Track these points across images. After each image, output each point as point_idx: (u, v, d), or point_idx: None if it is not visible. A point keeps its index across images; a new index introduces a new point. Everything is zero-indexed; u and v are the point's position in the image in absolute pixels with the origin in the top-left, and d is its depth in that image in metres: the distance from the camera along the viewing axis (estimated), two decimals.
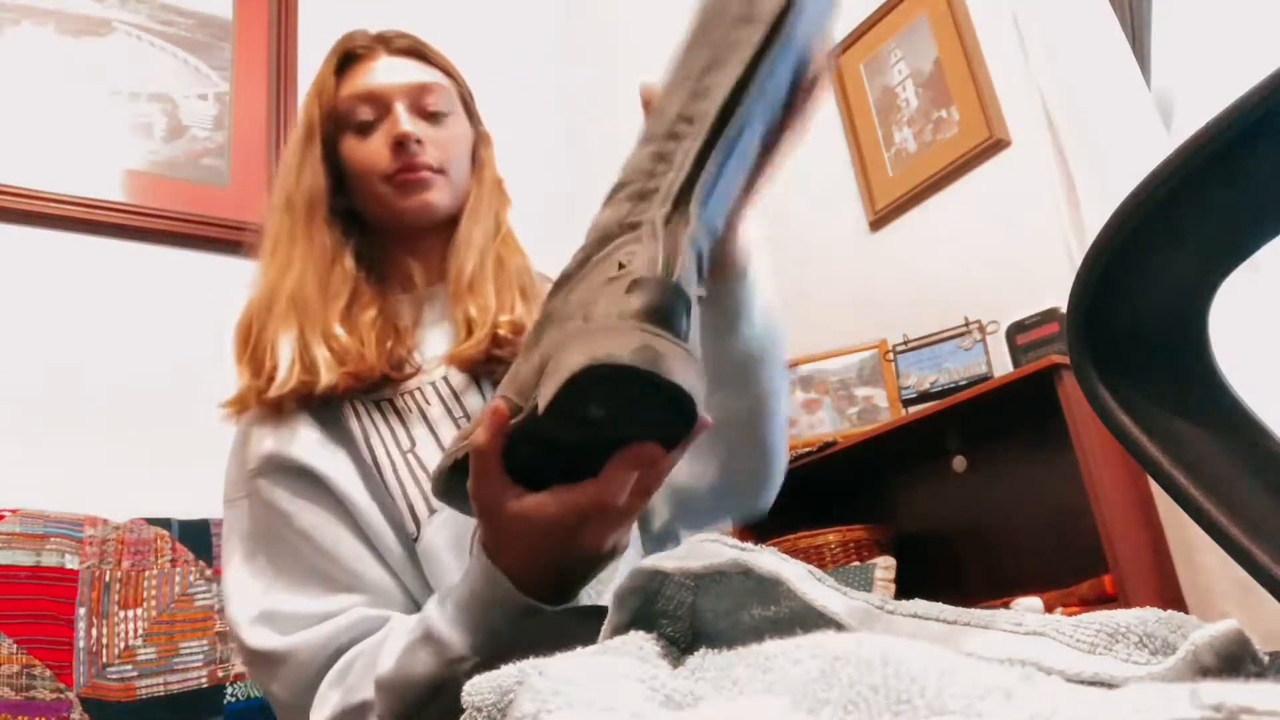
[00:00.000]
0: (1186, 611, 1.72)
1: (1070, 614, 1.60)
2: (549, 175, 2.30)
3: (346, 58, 0.93)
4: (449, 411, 0.84)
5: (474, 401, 0.86)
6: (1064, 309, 1.01)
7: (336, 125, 0.91)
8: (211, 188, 1.80)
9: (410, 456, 0.81)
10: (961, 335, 1.93)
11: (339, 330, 0.82)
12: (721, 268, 0.71)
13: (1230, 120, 0.35)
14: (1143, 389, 0.43)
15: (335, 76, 0.92)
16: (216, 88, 1.88)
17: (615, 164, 0.62)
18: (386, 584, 0.78)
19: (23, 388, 1.53)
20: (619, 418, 0.55)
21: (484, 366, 0.86)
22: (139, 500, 1.36)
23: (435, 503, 0.78)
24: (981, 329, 1.91)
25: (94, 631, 1.15)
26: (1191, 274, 0.41)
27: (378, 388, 0.83)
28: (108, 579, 1.20)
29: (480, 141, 0.99)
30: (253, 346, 0.83)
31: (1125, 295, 0.42)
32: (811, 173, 2.48)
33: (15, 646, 1.09)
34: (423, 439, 0.82)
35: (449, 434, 0.83)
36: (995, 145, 2.12)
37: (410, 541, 0.78)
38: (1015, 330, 1.82)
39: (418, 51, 0.95)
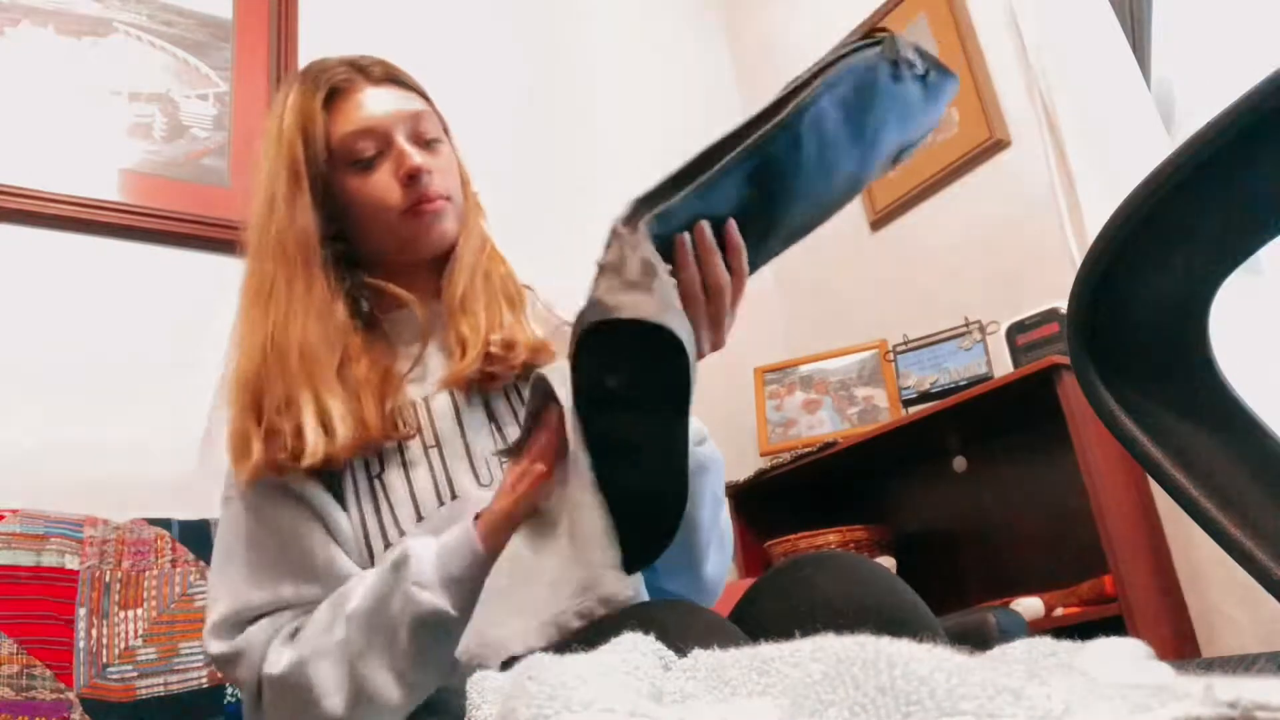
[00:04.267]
0: (1187, 611, 1.72)
1: (1070, 614, 1.59)
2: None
3: (332, 92, 0.90)
4: (460, 431, 0.89)
5: (476, 417, 0.90)
6: (1064, 309, 1.01)
7: (332, 163, 0.88)
8: (212, 188, 1.80)
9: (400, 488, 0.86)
10: (961, 335, 1.93)
11: (339, 390, 0.83)
12: None
13: (1230, 121, 0.35)
14: (1143, 389, 0.43)
15: (324, 111, 0.89)
16: (216, 88, 1.88)
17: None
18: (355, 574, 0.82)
19: (23, 388, 1.53)
20: (632, 380, 0.64)
21: (480, 385, 0.90)
22: (139, 500, 1.36)
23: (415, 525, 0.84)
24: (981, 329, 1.91)
25: (94, 632, 1.15)
26: (1191, 274, 0.41)
27: (376, 448, 0.85)
28: (108, 579, 1.20)
29: (459, 159, 0.99)
30: (269, 407, 0.81)
31: (1125, 295, 0.42)
32: None
33: (15, 646, 1.09)
34: (422, 473, 0.86)
35: (458, 454, 0.88)
36: (995, 145, 2.12)
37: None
38: (1015, 330, 1.82)
39: (396, 78, 0.94)
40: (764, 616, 0.67)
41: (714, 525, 0.88)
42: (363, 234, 0.91)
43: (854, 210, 2.45)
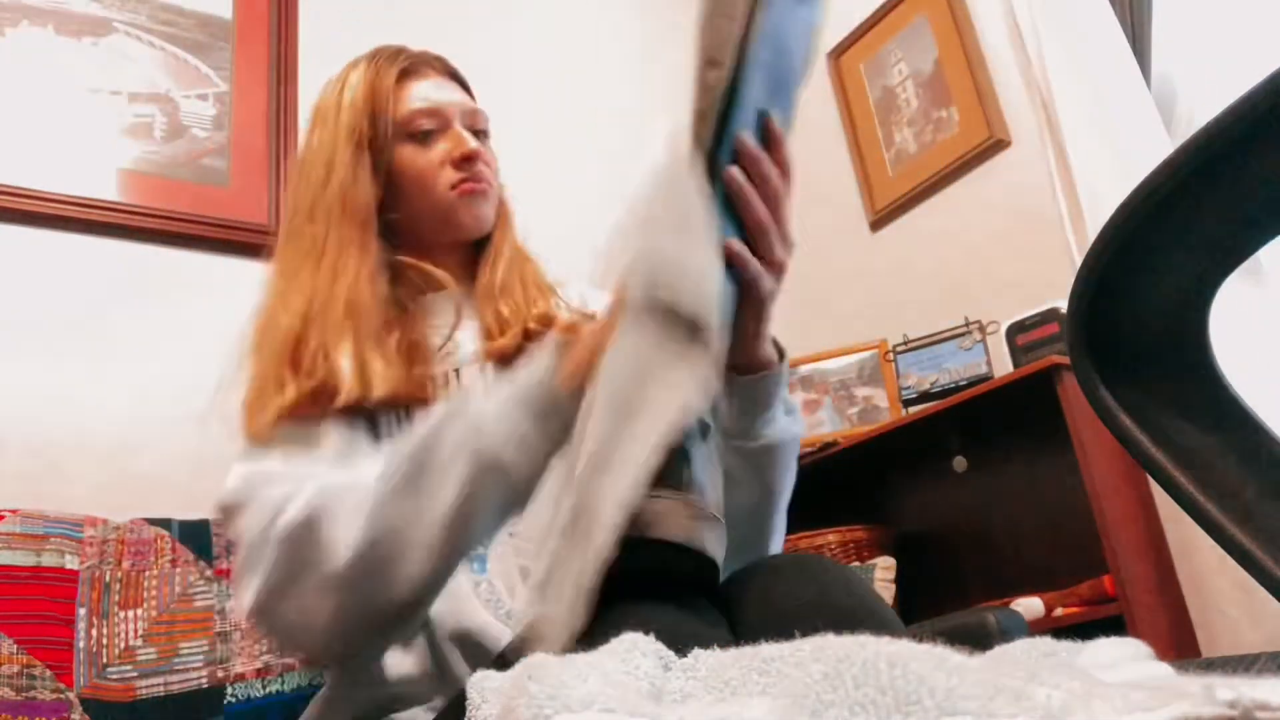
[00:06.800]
0: (1187, 611, 1.72)
1: (1070, 614, 1.58)
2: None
3: (402, 72, 0.95)
4: None
5: None
6: (1064, 309, 1.01)
7: (394, 134, 0.92)
8: (211, 188, 1.80)
9: None
10: (961, 335, 1.93)
11: (379, 347, 0.83)
12: (749, 364, 0.75)
13: (1230, 121, 0.35)
14: (1143, 389, 0.43)
15: (396, 86, 0.94)
16: (216, 88, 1.88)
17: None
18: None
19: (23, 387, 1.53)
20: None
21: (518, 359, 0.88)
22: (139, 500, 1.36)
23: None
24: (981, 329, 1.91)
25: (94, 632, 1.15)
26: (1191, 274, 0.41)
27: (399, 411, 0.84)
28: (108, 579, 1.20)
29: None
30: (306, 355, 0.80)
31: (1125, 295, 0.42)
32: (812, 173, 2.48)
33: (15, 646, 1.09)
34: None
35: None
36: (995, 145, 2.12)
37: None
38: (1015, 330, 1.82)
39: (455, 75, 1.01)
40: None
41: (785, 506, 0.88)
42: (407, 207, 0.93)
43: (854, 210, 2.45)
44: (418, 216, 0.94)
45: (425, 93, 0.95)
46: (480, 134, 0.97)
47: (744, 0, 0.60)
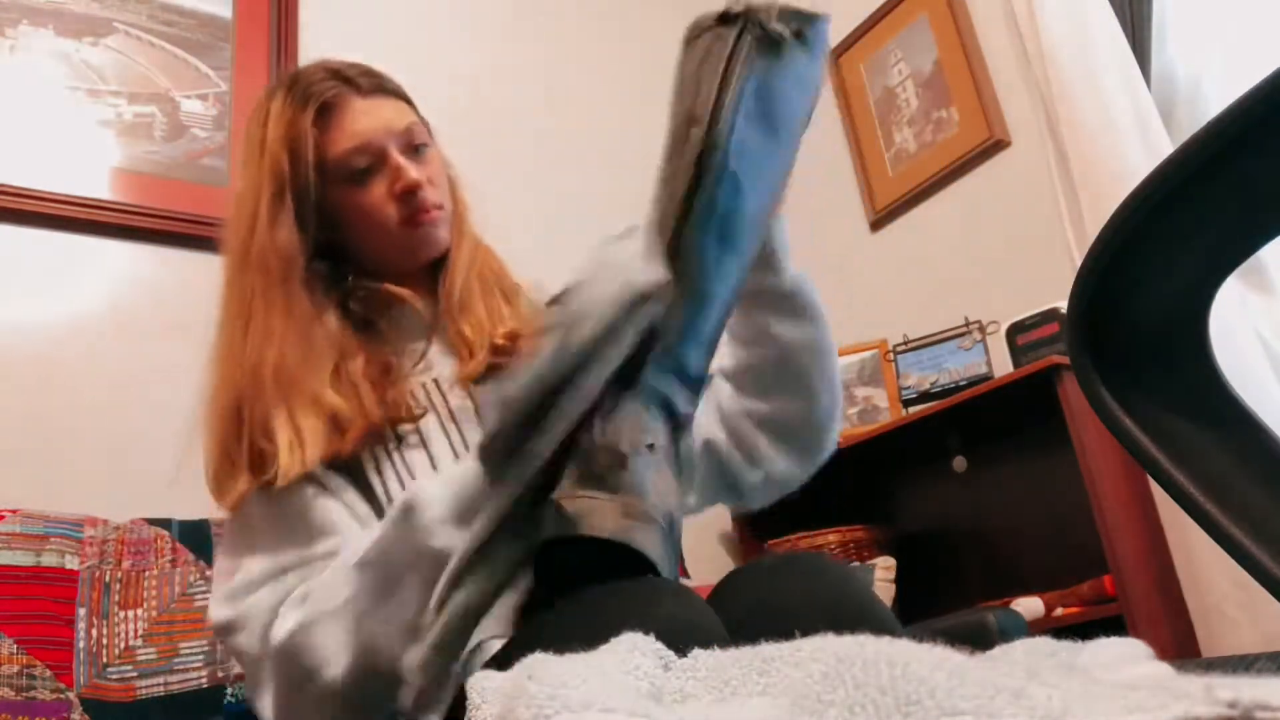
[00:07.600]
0: (1187, 611, 1.71)
1: (1070, 614, 1.57)
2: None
3: (322, 108, 0.89)
4: (473, 405, 0.90)
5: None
6: (1064, 309, 1.01)
7: (324, 178, 0.88)
8: (211, 188, 1.80)
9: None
10: (961, 335, 1.93)
11: (330, 396, 0.82)
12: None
13: (1230, 121, 0.35)
14: (1143, 389, 0.43)
15: (315, 129, 0.88)
16: (216, 88, 1.88)
17: None
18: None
19: (23, 387, 1.53)
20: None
21: (489, 379, 0.91)
22: (139, 500, 1.36)
23: None
24: (981, 329, 1.91)
25: (94, 632, 1.15)
26: (1191, 274, 0.41)
27: (384, 435, 0.85)
28: (108, 579, 1.19)
29: (445, 159, 1.00)
30: (249, 435, 0.80)
31: (1125, 295, 0.42)
32: (811, 173, 2.48)
33: (15, 646, 1.09)
34: (445, 459, 0.87)
35: (475, 426, 0.89)
36: (995, 145, 2.12)
37: None
38: (1015, 330, 1.82)
39: (383, 88, 0.94)
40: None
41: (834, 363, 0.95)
42: (358, 244, 0.92)
43: (854, 210, 2.45)
44: (371, 252, 0.93)
45: (351, 128, 0.89)
46: (420, 148, 0.93)
47: (722, 62, 0.65)
